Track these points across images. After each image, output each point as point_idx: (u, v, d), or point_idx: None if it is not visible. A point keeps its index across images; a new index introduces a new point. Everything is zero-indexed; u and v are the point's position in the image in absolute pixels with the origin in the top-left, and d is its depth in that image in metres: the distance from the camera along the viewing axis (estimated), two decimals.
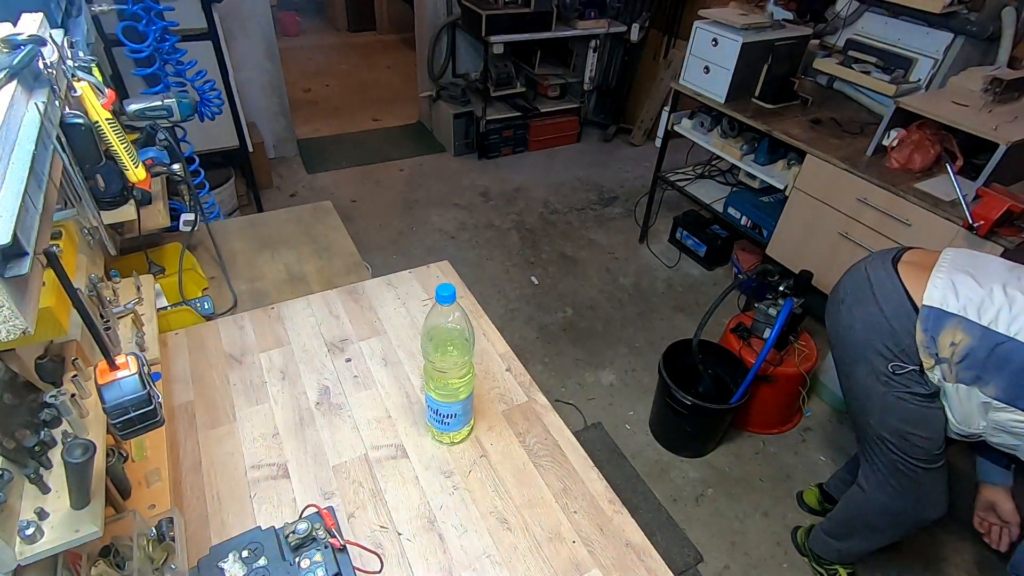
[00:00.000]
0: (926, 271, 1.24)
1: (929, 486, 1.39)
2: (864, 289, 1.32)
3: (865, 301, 1.31)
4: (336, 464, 0.97)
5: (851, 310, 1.35)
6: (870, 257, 1.40)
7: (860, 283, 1.34)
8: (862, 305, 1.32)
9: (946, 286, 1.18)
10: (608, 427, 2.24)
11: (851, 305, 1.35)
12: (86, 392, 0.71)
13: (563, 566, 0.85)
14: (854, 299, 1.35)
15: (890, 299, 1.26)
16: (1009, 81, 1.87)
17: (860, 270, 1.37)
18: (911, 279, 1.25)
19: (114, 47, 1.94)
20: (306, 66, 5.43)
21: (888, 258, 1.33)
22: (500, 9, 3.42)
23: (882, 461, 1.41)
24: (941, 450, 1.33)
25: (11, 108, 0.57)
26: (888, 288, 1.27)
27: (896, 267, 1.29)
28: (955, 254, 1.26)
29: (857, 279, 1.36)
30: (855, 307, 1.34)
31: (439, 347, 0.88)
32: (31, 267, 0.48)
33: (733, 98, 2.45)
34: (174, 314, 1.26)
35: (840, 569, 1.74)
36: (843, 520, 1.64)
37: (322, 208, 1.77)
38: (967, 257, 1.25)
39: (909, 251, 1.35)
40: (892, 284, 1.27)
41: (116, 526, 0.71)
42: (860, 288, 1.34)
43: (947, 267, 1.22)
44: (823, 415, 2.33)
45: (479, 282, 2.94)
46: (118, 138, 0.90)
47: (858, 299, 1.34)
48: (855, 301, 1.34)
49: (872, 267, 1.34)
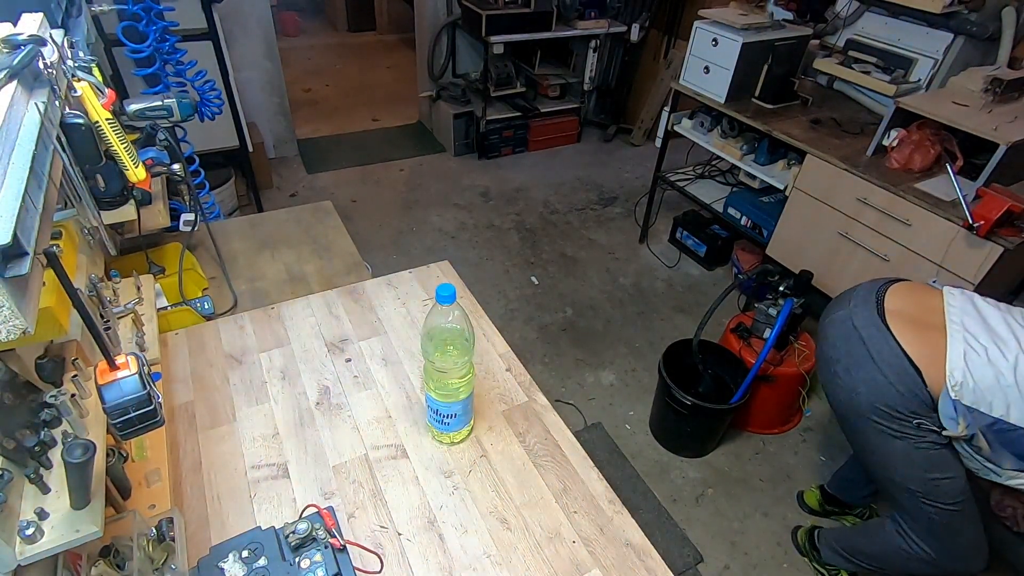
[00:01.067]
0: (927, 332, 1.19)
1: (968, 530, 1.32)
2: (858, 350, 1.25)
3: (863, 364, 1.24)
4: (336, 464, 0.97)
5: (849, 372, 1.27)
6: (852, 304, 1.32)
7: (851, 342, 1.26)
8: (860, 368, 1.24)
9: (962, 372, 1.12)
10: (608, 427, 2.24)
11: (848, 367, 1.27)
12: (86, 392, 0.71)
13: (563, 566, 0.85)
14: (850, 361, 1.27)
15: (890, 363, 1.19)
16: (1009, 81, 1.87)
17: (846, 323, 1.29)
18: (906, 338, 1.19)
19: (114, 47, 1.94)
20: (306, 66, 5.43)
21: (872, 307, 1.25)
22: (500, 9, 3.42)
23: (915, 514, 1.35)
24: (967, 488, 1.27)
25: (11, 108, 0.57)
26: (885, 350, 1.20)
27: (885, 320, 1.22)
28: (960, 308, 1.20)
29: (846, 334, 1.28)
30: (853, 370, 1.26)
31: (439, 347, 0.88)
32: (31, 267, 0.48)
33: (733, 98, 2.44)
34: (174, 314, 1.26)
35: (842, 571, 1.74)
36: (877, 555, 1.54)
37: (322, 208, 1.77)
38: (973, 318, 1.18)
39: (891, 292, 1.29)
40: (889, 346, 1.20)
41: (116, 526, 0.71)
42: (853, 348, 1.26)
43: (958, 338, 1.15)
44: (823, 415, 2.33)
45: (479, 282, 2.94)
46: (118, 138, 0.90)
47: (854, 361, 1.26)
48: (852, 363, 1.26)
49: (859, 320, 1.26)
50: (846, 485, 1.86)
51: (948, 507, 1.28)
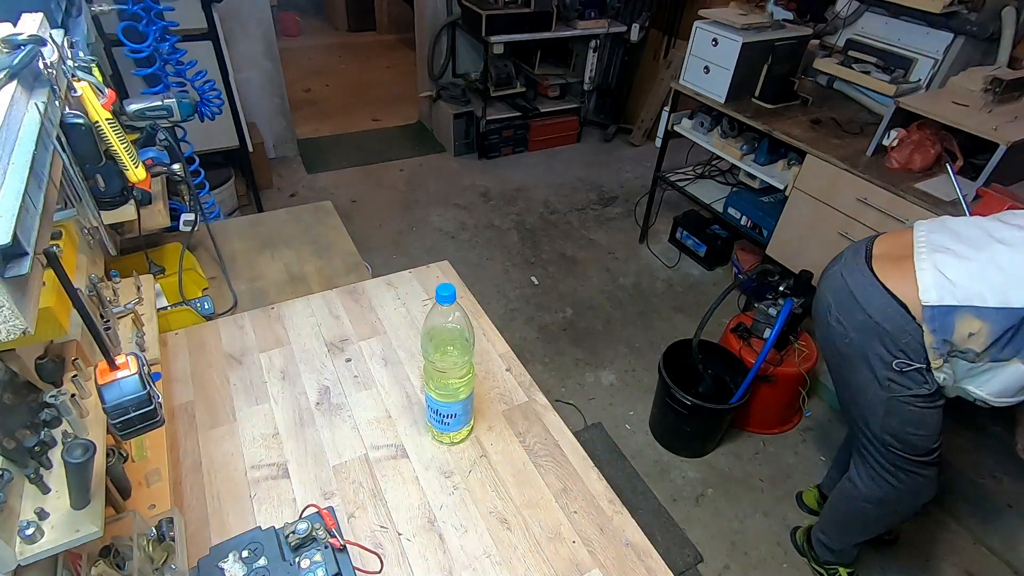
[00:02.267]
0: (903, 262, 1.21)
1: (926, 476, 1.41)
2: (846, 296, 1.29)
3: (851, 309, 1.28)
4: (336, 464, 0.97)
5: (840, 321, 1.32)
6: (842, 258, 1.37)
7: (840, 290, 1.32)
8: (849, 313, 1.29)
9: (936, 278, 1.14)
10: (608, 427, 2.24)
11: (838, 316, 1.33)
12: (86, 392, 0.71)
13: (563, 566, 0.85)
14: (839, 309, 1.32)
15: (874, 303, 1.23)
16: (1009, 81, 1.87)
17: (836, 276, 1.34)
18: (889, 276, 1.22)
19: (114, 47, 1.94)
20: (306, 66, 5.43)
21: (860, 257, 1.30)
22: (500, 9, 3.42)
23: (881, 460, 1.42)
24: (939, 443, 1.35)
25: (11, 108, 0.57)
26: (870, 292, 1.24)
27: (871, 266, 1.26)
28: (927, 231, 1.22)
29: (835, 286, 1.34)
30: (843, 317, 1.31)
31: (439, 347, 0.88)
32: (31, 267, 0.48)
33: (733, 98, 2.44)
34: (174, 314, 1.26)
35: (841, 569, 1.74)
36: (837, 518, 1.65)
37: (322, 208, 1.77)
38: (941, 232, 1.21)
39: (878, 240, 1.33)
40: (872, 287, 1.24)
41: (116, 526, 0.71)
42: (841, 296, 1.31)
43: (926, 253, 1.18)
44: (823, 415, 2.33)
45: (479, 282, 2.93)
46: (118, 138, 0.90)
47: (843, 308, 1.31)
48: (841, 311, 1.32)
49: (847, 270, 1.31)
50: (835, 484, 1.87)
51: (916, 458, 1.37)
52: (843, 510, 1.62)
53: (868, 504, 1.51)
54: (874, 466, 1.45)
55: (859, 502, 1.53)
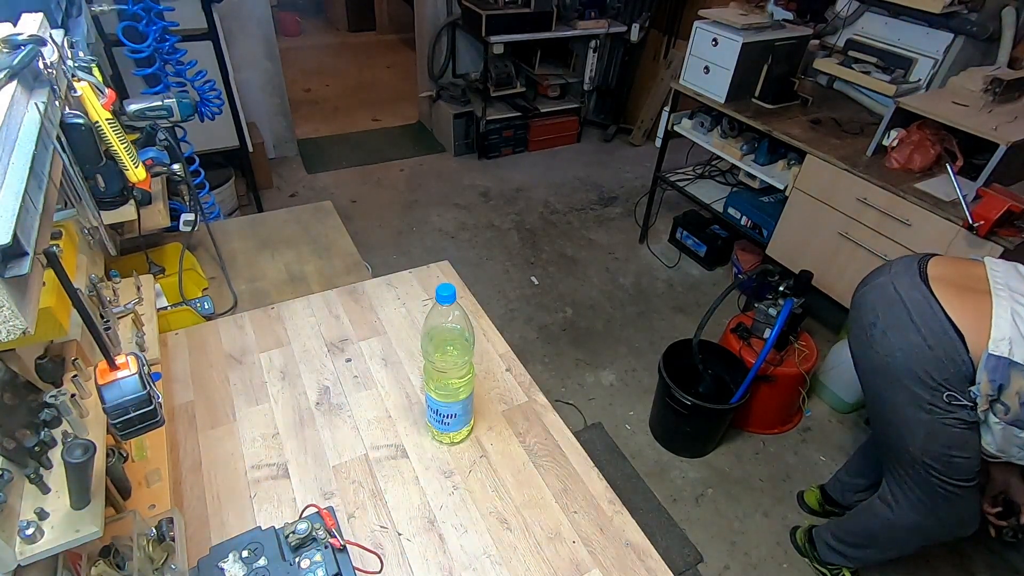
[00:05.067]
0: (970, 295, 1.16)
1: (966, 503, 1.34)
2: (899, 312, 1.22)
3: (903, 327, 1.21)
4: (336, 464, 0.97)
5: (886, 335, 1.25)
6: (892, 271, 1.30)
7: (892, 304, 1.24)
8: (900, 331, 1.22)
9: (1012, 329, 1.09)
10: (608, 427, 2.24)
11: (885, 330, 1.25)
12: (86, 392, 0.71)
13: (563, 566, 0.85)
14: (888, 323, 1.25)
15: (931, 326, 1.17)
16: (1009, 81, 1.87)
17: (887, 288, 1.27)
18: (950, 302, 1.16)
19: (114, 47, 1.94)
20: (306, 66, 5.43)
21: (915, 273, 1.23)
22: (500, 9, 3.42)
23: (919, 483, 1.35)
24: (979, 467, 1.28)
25: (11, 108, 0.57)
26: (928, 314, 1.17)
27: (929, 285, 1.20)
28: (1004, 274, 1.17)
29: (887, 299, 1.26)
30: (891, 333, 1.24)
31: (439, 347, 0.88)
32: (31, 267, 0.48)
33: (733, 98, 2.44)
34: (174, 314, 1.26)
35: (845, 571, 1.74)
36: (863, 533, 1.59)
37: (322, 208, 1.77)
38: (1019, 280, 1.16)
39: (933, 261, 1.27)
40: (931, 309, 1.17)
41: (116, 526, 0.71)
42: (894, 310, 1.24)
43: (1005, 298, 1.12)
44: (823, 415, 2.33)
45: (479, 282, 2.93)
46: (118, 138, 0.90)
47: (893, 324, 1.24)
48: (890, 326, 1.24)
49: (901, 285, 1.24)
50: (842, 488, 1.86)
51: (957, 482, 1.29)
52: (870, 529, 1.54)
53: (903, 529, 1.44)
54: (913, 489, 1.37)
55: (891, 526, 1.46)
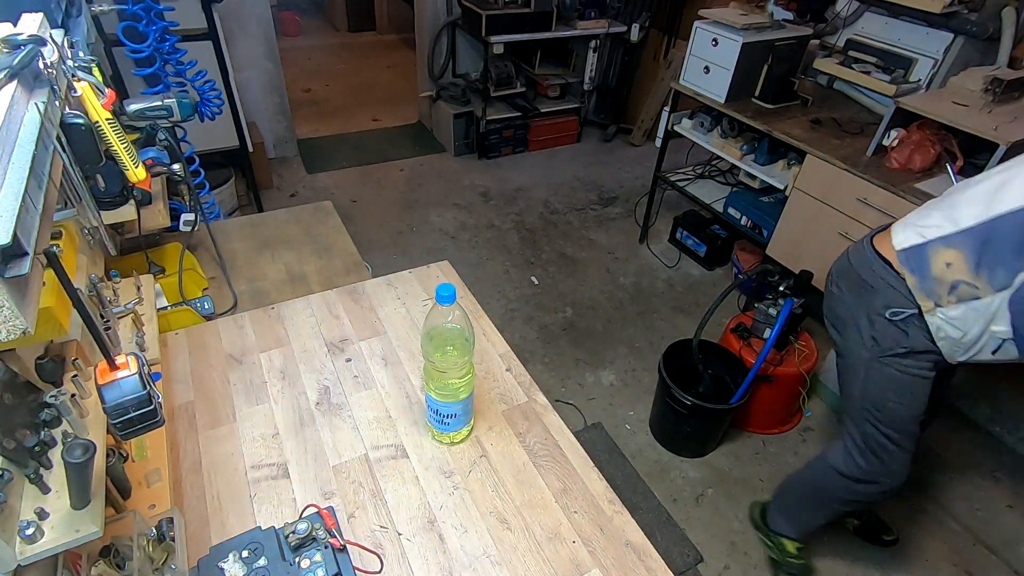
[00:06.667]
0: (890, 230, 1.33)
1: (896, 459, 1.42)
2: (847, 269, 1.41)
3: (849, 277, 1.40)
4: (336, 464, 0.97)
5: (839, 288, 1.44)
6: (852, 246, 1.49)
7: (843, 266, 1.44)
8: (847, 281, 1.41)
9: (906, 226, 1.27)
10: (608, 427, 2.24)
11: (839, 285, 1.45)
12: (86, 392, 0.71)
13: (563, 566, 0.85)
14: (841, 281, 1.44)
15: (866, 266, 1.34)
16: (1009, 81, 1.87)
17: (843, 257, 1.46)
18: (882, 244, 1.33)
19: (114, 47, 1.94)
20: (306, 66, 5.43)
21: (866, 238, 1.41)
22: (500, 9, 3.42)
23: (857, 433, 1.44)
24: (915, 426, 1.37)
25: (11, 108, 0.57)
26: (865, 258, 1.35)
27: (872, 242, 1.37)
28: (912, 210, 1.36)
29: (840, 264, 1.46)
30: (842, 284, 1.43)
31: (439, 347, 0.88)
32: (31, 267, 0.48)
33: (733, 98, 2.44)
34: (174, 314, 1.26)
35: (786, 542, 1.74)
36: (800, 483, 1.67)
37: (322, 208, 1.77)
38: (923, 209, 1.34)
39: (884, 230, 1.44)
40: (868, 253, 1.34)
41: (116, 526, 0.71)
42: (844, 270, 1.43)
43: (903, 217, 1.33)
44: (823, 415, 2.33)
45: (479, 282, 2.93)
46: (118, 138, 0.90)
47: (843, 279, 1.43)
48: (841, 281, 1.44)
49: (852, 251, 1.44)
50: None
51: (887, 433, 1.39)
52: (806, 478, 1.65)
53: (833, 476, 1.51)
54: (855, 437, 1.46)
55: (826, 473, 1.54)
